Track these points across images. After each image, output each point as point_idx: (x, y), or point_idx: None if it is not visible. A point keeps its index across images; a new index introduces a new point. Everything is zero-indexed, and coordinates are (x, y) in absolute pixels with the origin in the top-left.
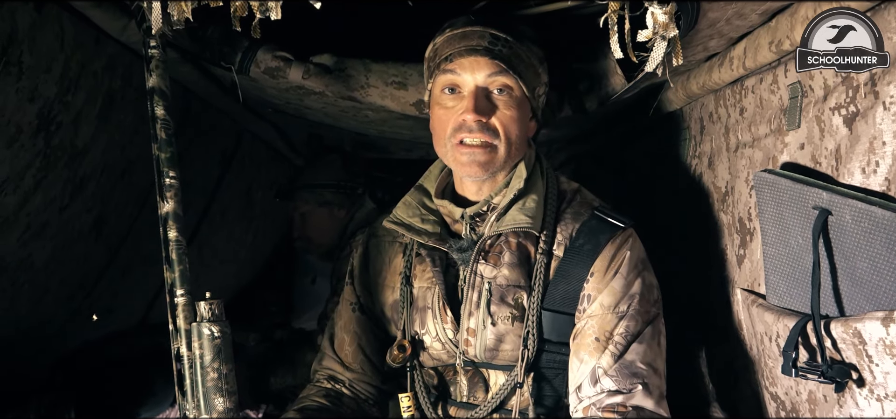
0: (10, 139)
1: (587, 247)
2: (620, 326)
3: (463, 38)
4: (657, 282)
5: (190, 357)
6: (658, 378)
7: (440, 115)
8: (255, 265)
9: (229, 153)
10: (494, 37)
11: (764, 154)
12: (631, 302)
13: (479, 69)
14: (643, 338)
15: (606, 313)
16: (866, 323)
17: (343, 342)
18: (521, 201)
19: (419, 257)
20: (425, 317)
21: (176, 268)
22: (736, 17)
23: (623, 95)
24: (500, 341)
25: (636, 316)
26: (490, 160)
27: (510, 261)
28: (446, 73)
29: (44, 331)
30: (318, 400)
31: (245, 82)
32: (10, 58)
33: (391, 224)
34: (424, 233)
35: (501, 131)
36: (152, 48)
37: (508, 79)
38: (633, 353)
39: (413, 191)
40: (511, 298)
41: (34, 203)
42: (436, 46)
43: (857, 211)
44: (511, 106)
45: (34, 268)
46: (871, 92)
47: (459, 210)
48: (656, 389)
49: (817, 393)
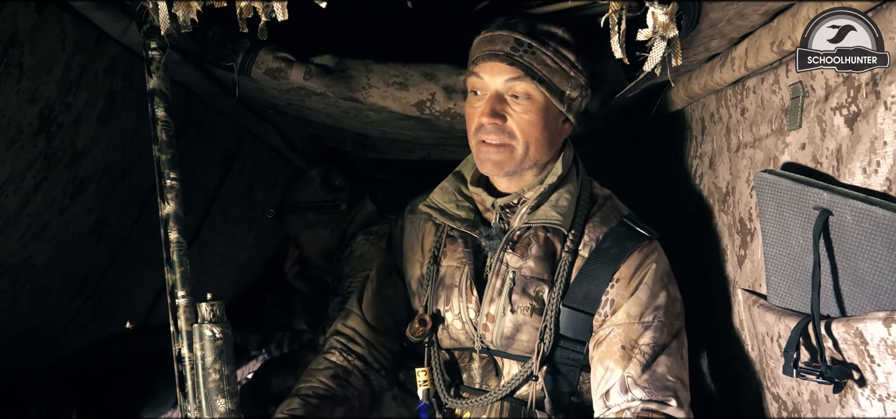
0: (11, 140)
1: (613, 251)
2: (646, 336)
3: (489, 42)
4: (681, 297)
5: (191, 358)
6: (686, 391)
7: (468, 113)
8: (257, 266)
9: (230, 154)
10: (518, 42)
11: (765, 154)
12: (656, 313)
13: (499, 74)
14: (670, 351)
15: (632, 323)
16: (868, 323)
17: (371, 304)
18: (553, 198)
19: (451, 238)
20: (451, 295)
21: (177, 270)
22: (737, 18)
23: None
24: (517, 330)
25: (661, 327)
26: (505, 160)
27: (536, 255)
28: (472, 75)
29: (45, 332)
30: (324, 380)
31: (246, 83)
32: (11, 59)
33: (426, 208)
34: (458, 219)
35: (519, 134)
36: (153, 50)
37: (527, 85)
38: (661, 366)
39: (451, 177)
40: (532, 290)
41: (35, 204)
42: (473, 46)
43: (857, 211)
44: (529, 110)
45: (35, 270)
46: (872, 92)
47: (491, 199)
48: (686, 403)
49: (819, 393)
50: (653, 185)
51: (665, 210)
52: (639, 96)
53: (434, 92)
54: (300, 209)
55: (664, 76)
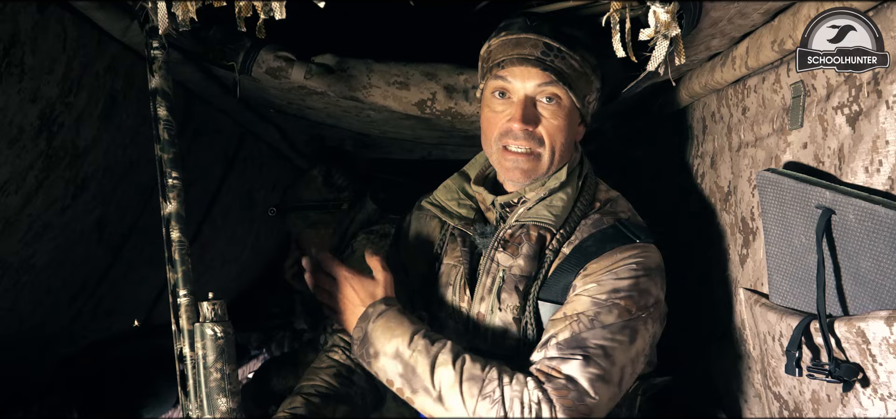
0: (12, 140)
1: (593, 249)
2: (591, 310)
3: (516, 45)
4: (661, 297)
5: (193, 357)
6: (607, 363)
7: (489, 117)
8: (258, 265)
9: (231, 154)
10: (548, 46)
11: (766, 153)
12: (613, 295)
13: (530, 78)
14: (612, 330)
15: (582, 297)
16: (870, 322)
17: None
18: (549, 198)
19: (452, 237)
20: (446, 293)
21: (178, 269)
22: (738, 17)
23: (626, 95)
24: (506, 329)
25: (613, 308)
26: (533, 168)
27: (527, 253)
28: (498, 78)
29: (46, 331)
30: (327, 379)
31: (247, 83)
32: (13, 59)
33: (429, 205)
34: (457, 217)
35: (547, 140)
36: (154, 49)
37: (558, 89)
38: (592, 336)
39: (456, 175)
40: (521, 288)
41: (36, 204)
42: (490, 48)
43: (860, 210)
44: (558, 116)
45: (36, 269)
46: (874, 91)
47: (491, 197)
48: (598, 370)
49: (821, 392)
50: (654, 185)
51: (667, 209)
52: (639, 96)
53: (435, 91)
54: (302, 207)
55: (666, 76)
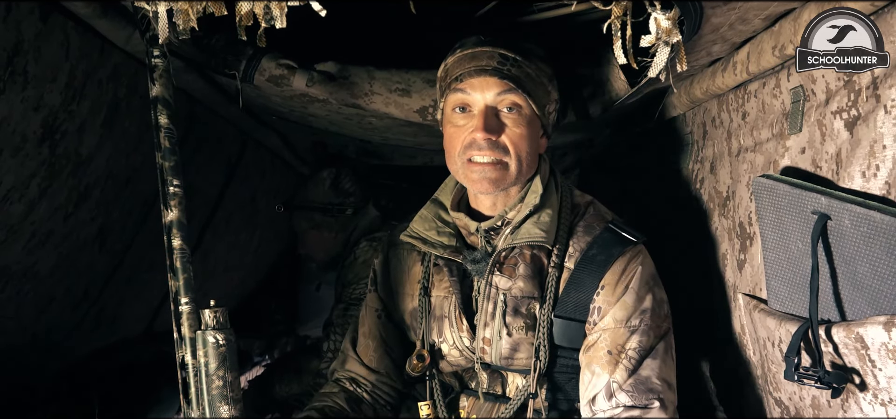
0: (16, 148)
1: (600, 257)
2: (632, 341)
3: (473, 59)
4: (667, 299)
5: (195, 365)
6: (672, 393)
7: (451, 133)
8: (260, 272)
9: (233, 161)
10: (504, 57)
11: (765, 158)
12: (642, 317)
13: (489, 88)
14: (657, 354)
15: (618, 327)
16: (868, 327)
17: (367, 347)
18: (535, 216)
19: (437, 267)
20: (442, 326)
21: (180, 277)
22: (739, 22)
23: (626, 101)
24: (515, 350)
25: (648, 331)
26: (501, 177)
27: (525, 273)
28: (457, 92)
29: (49, 339)
30: (339, 402)
31: (249, 90)
32: (16, 67)
33: (408, 238)
34: (440, 246)
35: (512, 149)
36: (156, 57)
37: (517, 97)
38: (647, 369)
39: (429, 204)
40: (524, 309)
41: (39, 211)
42: (447, 67)
43: (855, 215)
44: (520, 124)
45: (39, 277)
46: (872, 95)
47: (475, 224)
48: (671, 405)
49: (820, 398)
50: (654, 190)
51: (666, 214)
52: (640, 101)
53: (436, 98)
54: (308, 207)
55: (667, 81)
